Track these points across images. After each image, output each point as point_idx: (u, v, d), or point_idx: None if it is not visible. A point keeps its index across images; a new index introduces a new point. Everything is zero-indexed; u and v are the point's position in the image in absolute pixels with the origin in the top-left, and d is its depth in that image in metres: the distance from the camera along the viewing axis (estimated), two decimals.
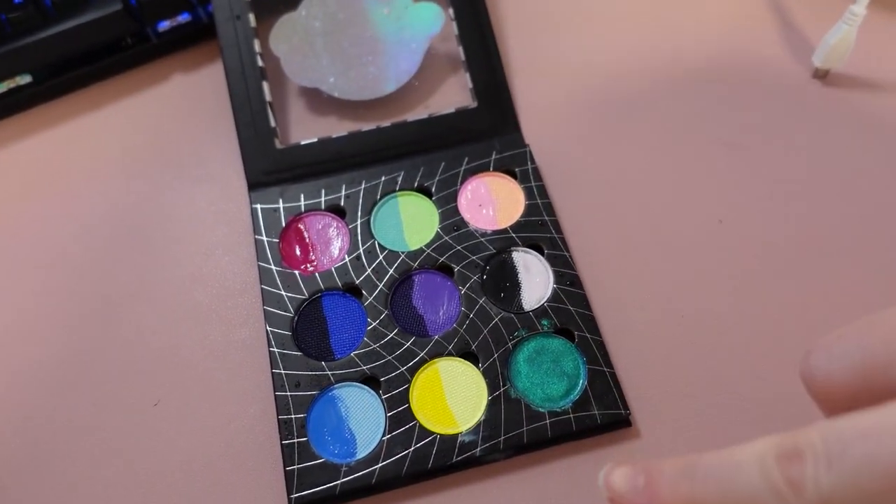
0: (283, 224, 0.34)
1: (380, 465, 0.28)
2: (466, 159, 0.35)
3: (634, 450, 0.29)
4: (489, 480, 0.28)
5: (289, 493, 0.27)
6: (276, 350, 0.30)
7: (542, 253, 0.33)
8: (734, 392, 0.30)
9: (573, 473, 0.28)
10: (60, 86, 0.39)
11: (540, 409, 0.29)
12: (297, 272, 0.32)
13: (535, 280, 0.32)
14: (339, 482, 0.27)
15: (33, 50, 0.37)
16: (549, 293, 0.32)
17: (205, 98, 0.39)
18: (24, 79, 0.38)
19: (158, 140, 0.38)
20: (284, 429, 0.28)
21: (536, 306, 0.31)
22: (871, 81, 0.39)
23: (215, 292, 0.33)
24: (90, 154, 0.38)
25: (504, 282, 0.32)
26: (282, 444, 0.28)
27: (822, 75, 0.39)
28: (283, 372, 0.30)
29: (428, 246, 0.33)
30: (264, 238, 0.33)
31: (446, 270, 0.32)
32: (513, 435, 0.28)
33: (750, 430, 0.29)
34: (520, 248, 0.33)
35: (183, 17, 0.39)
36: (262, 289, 0.32)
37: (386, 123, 0.37)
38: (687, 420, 0.29)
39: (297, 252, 0.33)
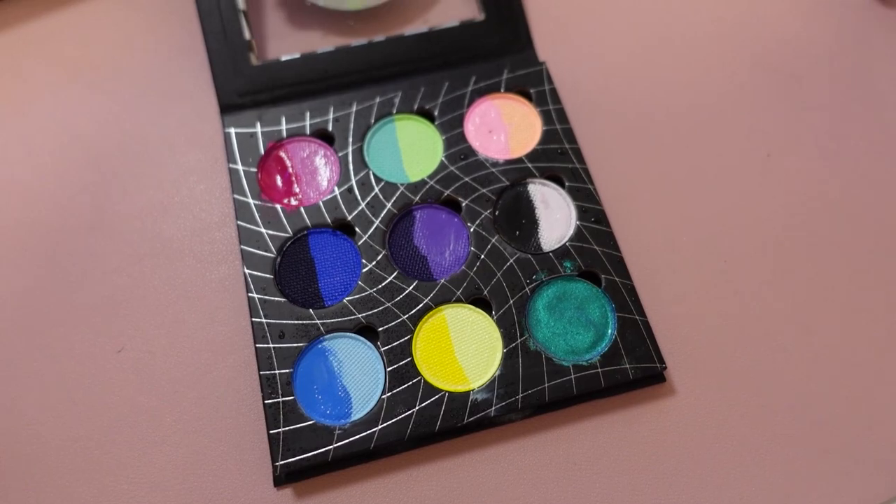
0: (262, 151, 0.29)
1: (379, 427, 0.24)
2: (474, 79, 0.31)
3: (669, 408, 0.25)
4: (506, 443, 0.25)
5: (273, 459, 0.23)
6: (255, 296, 0.26)
7: (562, 185, 0.28)
8: (780, 346, 0.26)
9: (601, 435, 0.25)
10: None
11: (563, 363, 0.25)
12: (278, 206, 0.28)
13: (556, 216, 0.28)
14: (331, 447, 0.23)
15: None
16: (571, 231, 0.27)
17: (172, 2, 0.33)
18: None
19: (121, 50, 0.33)
20: (267, 386, 0.24)
21: (557, 246, 0.27)
22: None
23: (188, 225, 0.29)
24: (42, 65, 0.32)
25: (520, 218, 0.28)
26: (264, 404, 0.24)
27: None
28: (264, 321, 0.26)
29: (431, 177, 0.29)
30: (240, 167, 0.29)
31: (452, 205, 0.28)
32: (532, 392, 0.24)
33: (796, 387, 0.26)
34: (537, 180, 0.29)
35: None
36: (238, 225, 0.27)
37: (379, 38, 0.32)
38: (727, 376, 0.26)
39: (279, 183, 0.29)
